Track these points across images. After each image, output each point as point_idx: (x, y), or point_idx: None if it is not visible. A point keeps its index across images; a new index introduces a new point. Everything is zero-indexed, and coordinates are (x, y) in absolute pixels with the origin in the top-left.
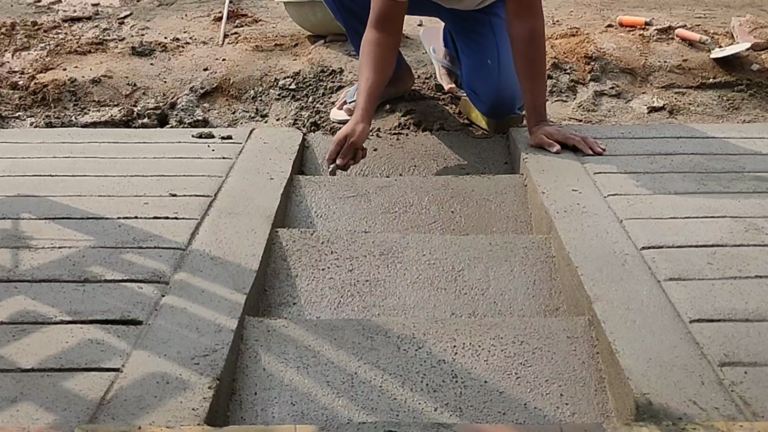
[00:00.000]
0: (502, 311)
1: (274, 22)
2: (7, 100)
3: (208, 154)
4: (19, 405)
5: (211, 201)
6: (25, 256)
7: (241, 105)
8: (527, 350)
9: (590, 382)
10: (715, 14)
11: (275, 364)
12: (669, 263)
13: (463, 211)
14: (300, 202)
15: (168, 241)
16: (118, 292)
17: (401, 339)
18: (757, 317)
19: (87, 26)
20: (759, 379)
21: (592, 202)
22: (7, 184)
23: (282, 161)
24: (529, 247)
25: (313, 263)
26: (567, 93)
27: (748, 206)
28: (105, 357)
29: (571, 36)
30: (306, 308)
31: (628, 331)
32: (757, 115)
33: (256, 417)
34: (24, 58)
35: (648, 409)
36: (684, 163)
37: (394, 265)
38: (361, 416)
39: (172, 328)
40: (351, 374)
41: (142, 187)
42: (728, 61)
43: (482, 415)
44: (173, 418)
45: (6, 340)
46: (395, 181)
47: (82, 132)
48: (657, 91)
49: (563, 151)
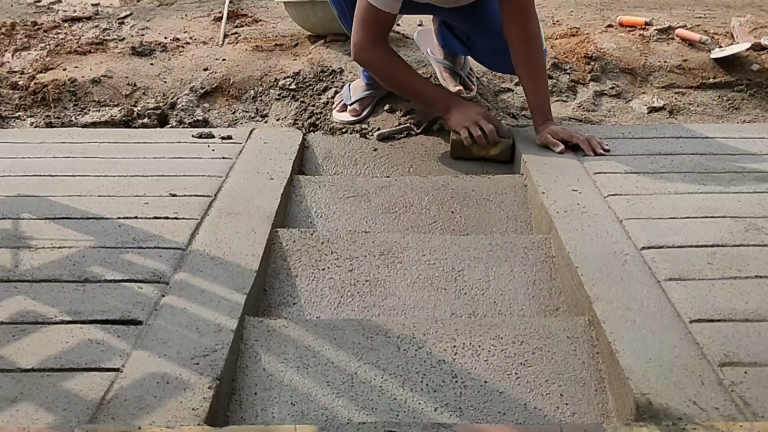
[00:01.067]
0: (502, 311)
1: (274, 22)
2: (7, 100)
3: (208, 154)
4: (19, 405)
5: (211, 201)
6: (25, 256)
7: (241, 105)
8: (527, 350)
9: (590, 382)
10: (715, 14)
11: (275, 364)
12: (669, 263)
13: (463, 211)
14: (300, 202)
15: (168, 241)
16: (118, 292)
17: (401, 339)
18: (757, 317)
19: (87, 26)
20: (759, 379)
21: (592, 202)
22: (7, 184)
23: (282, 161)
24: (529, 247)
25: (313, 263)
26: (567, 93)
27: (748, 206)
28: (105, 357)
29: (571, 36)
30: (306, 308)
31: (628, 331)
32: (757, 115)
33: (256, 417)
34: (24, 58)
35: (648, 409)
36: (684, 163)
37: (394, 265)
38: (361, 416)
39: (172, 328)
40: (351, 374)
41: (142, 187)
42: (728, 61)
43: (482, 415)
44: (173, 418)
45: (6, 340)
46: (395, 181)
47: (82, 132)
48: (657, 91)
49: (567, 150)
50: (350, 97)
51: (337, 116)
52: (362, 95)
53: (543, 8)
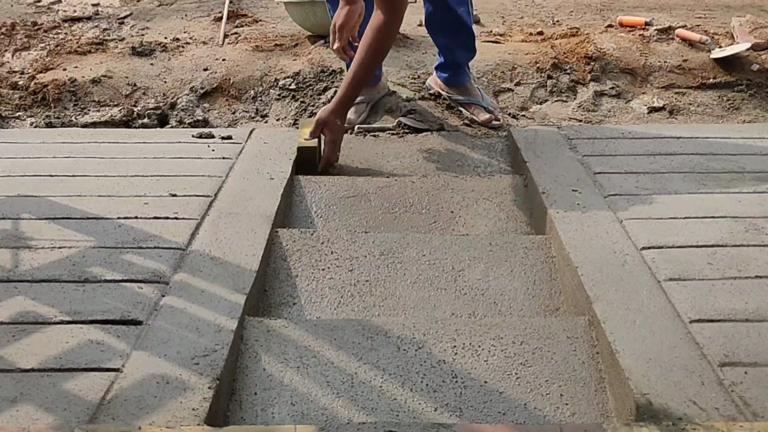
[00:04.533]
0: (502, 311)
1: (274, 22)
2: (7, 100)
3: (208, 154)
4: (19, 405)
5: (211, 201)
6: (25, 256)
7: (241, 105)
8: (527, 350)
9: (590, 383)
10: (715, 14)
11: (275, 365)
12: (669, 263)
13: (463, 211)
14: (300, 202)
15: (168, 241)
16: (118, 292)
17: (401, 339)
18: (757, 317)
19: (87, 26)
20: (759, 379)
21: (592, 202)
22: (7, 184)
23: (282, 161)
24: (529, 247)
25: (313, 263)
26: (567, 93)
27: (748, 206)
28: (105, 357)
29: (571, 36)
30: (306, 308)
31: (628, 332)
32: (757, 115)
33: (256, 417)
34: (24, 58)
35: (648, 409)
36: (684, 163)
37: (394, 265)
38: (361, 416)
39: (172, 329)
40: (351, 374)
41: (142, 187)
42: (728, 61)
43: (482, 415)
44: (173, 419)
45: (6, 340)
46: (395, 181)
47: (82, 132)
48: (657, 91)
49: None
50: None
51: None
52: (356, 102)
53: (543, 8)
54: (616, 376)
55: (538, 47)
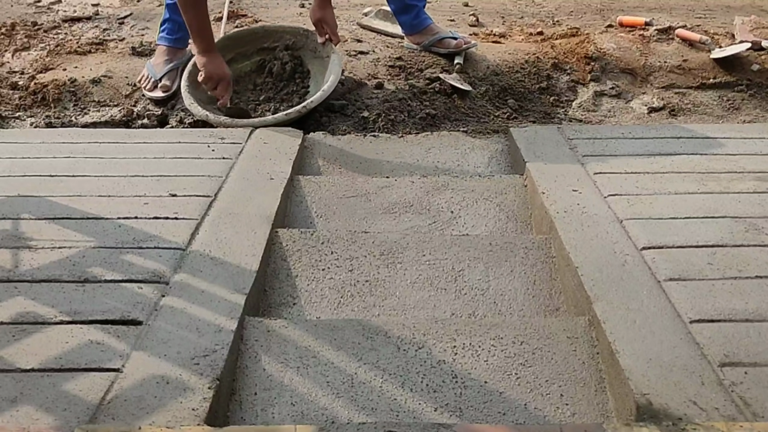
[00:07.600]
0: (502, 311)
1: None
2: (7, 100)
3: (208, 154)
4: (19, 405)
5: (211, 201)
6: (25, 256)
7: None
8: (527, 350)
9: (590, 383)
10: (715, 14)
11: (275, 365)
12: (669, 263)
13: (463, 211)
14: (300, 202)
15: (168, 241)
16: (118, 292)
17: (401, 339)
18: (757, 317)
19: (87, 26)
20: (759, 380)
21: (592, 202)
22: (7, 184)
23: (282, 161)
24: (529, 247)
25: (313, 263)
26: (567, 93)
27: (748, 206)
28: (105, 357)
29: (571, 36)
30: (306, 308)
31: (628, 332)
32: (757, 115)
33: (256, 417)
34: (24, 58)
35: (648, 409)
36: (684, 163)
37: (394, 265)
38: (361, 416)
39: (172, 329)
40: (351, 374)
41: (142, 187)
42: (728, 61)
43: (482, 415)
44: (173, 419)
45: (6, 340)
46: (395, 181)
47: (82, 132)
48: (657, 91)
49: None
50: (156, 74)
51: (149, 95)
52: (167, 69)
53: (543, 8)
54: (616, 376)
55: (538, 47)
